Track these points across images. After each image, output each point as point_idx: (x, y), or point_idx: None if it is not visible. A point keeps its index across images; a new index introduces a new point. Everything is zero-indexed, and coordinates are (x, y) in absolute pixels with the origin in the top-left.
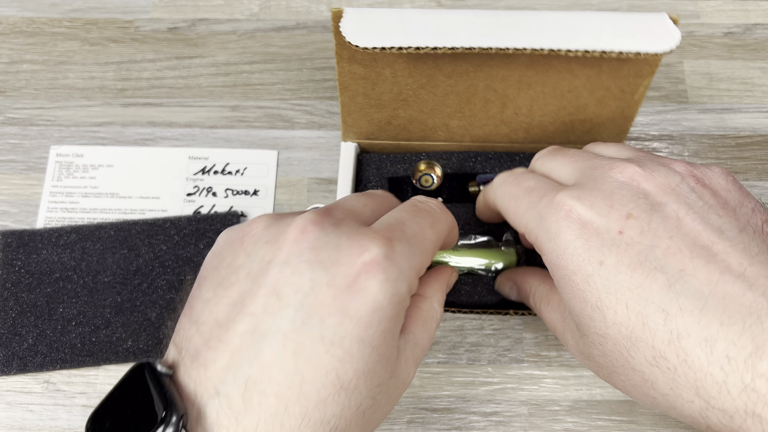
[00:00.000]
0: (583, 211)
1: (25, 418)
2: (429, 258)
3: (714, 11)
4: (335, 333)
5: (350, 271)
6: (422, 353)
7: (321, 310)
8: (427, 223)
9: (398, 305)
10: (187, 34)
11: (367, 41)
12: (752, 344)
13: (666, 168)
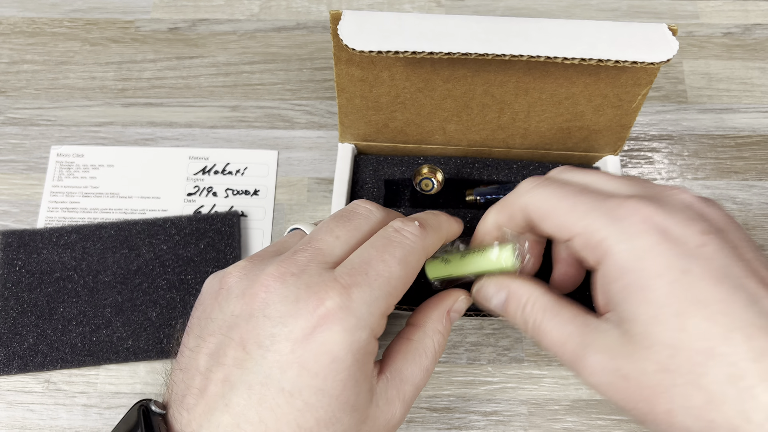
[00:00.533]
0: (661, 219)
1: (26, 417)
2: (395, 296)
3: (713, 11)
4: (294, 385)
5: (307, 324)
6: (413, 389)
7: (281, 362)
8: (397, 258)
9: (358, 353)
10: (188, 34)
11: (364, 45)
12: None
13: (712, 201)
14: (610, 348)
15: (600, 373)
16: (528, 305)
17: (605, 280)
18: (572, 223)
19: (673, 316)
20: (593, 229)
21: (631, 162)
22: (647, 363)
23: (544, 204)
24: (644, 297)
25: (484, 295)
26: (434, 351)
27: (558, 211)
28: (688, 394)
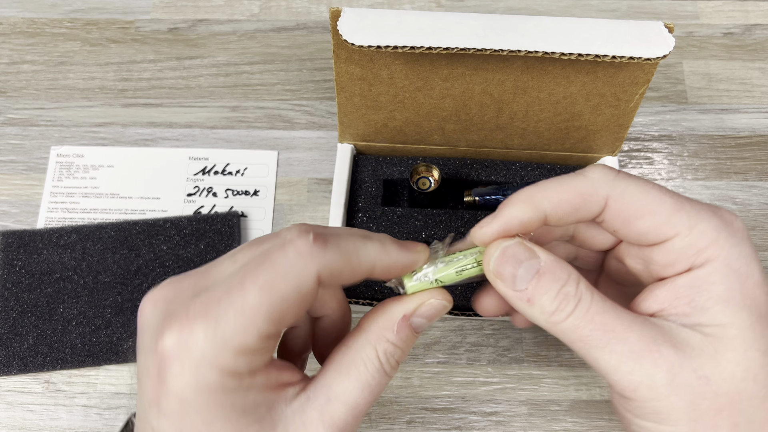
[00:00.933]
0: (748, 234)
1: (26, 418)
2: (259, 327)
3: (713, 12)
4: (158, 425)
5: (154, 361)
6: (346, 409)
7: (145, 401)
8: (258, 284)
9: (210, 393)
10: (188, 34)
11: (363, 40)
12: None
13: None
14: (691, 346)
15: (672, 369)
16: (571, 283)
17: (697, 283)
18: (678, 221)
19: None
20: (704, 229)
21: (631, 162)
22: (737, 368)
23: (643, 197)
24: (746, 302)
25: (508, 260)
26: (378, 363)
27: (661, 207)
28: (758, 409)
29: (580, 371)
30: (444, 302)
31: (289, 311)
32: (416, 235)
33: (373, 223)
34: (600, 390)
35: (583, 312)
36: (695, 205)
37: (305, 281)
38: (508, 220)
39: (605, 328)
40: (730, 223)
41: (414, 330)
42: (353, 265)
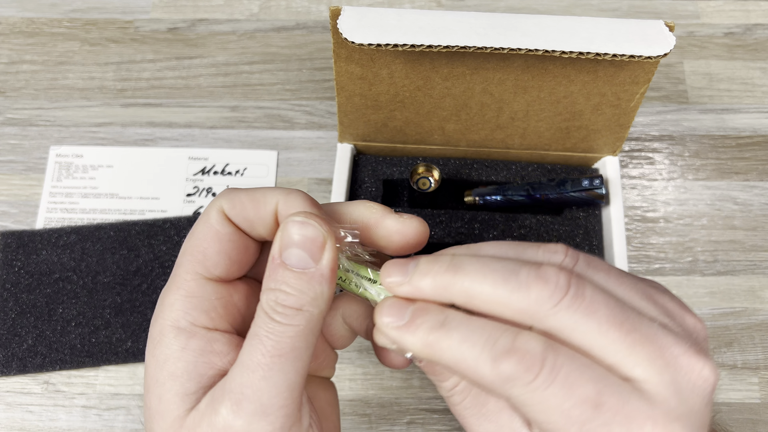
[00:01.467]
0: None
1: (25, 418)
2: (182, 260)
3: (714, 11)
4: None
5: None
6: (241, 368)
7: None
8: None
9: (162, 331)
10: (187, 34)
11: (364, 38)
12: None
13: None
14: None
15: None
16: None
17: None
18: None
19: None
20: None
21: (632, 162)
22: None
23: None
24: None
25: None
26: (262, 312)
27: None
28: None
29: None
30: (305, 224)
31: (208, 247)
32: None
33: None
34: None
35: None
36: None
37: (211, 215)
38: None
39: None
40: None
41: (293, 267)
42: (255, 199)
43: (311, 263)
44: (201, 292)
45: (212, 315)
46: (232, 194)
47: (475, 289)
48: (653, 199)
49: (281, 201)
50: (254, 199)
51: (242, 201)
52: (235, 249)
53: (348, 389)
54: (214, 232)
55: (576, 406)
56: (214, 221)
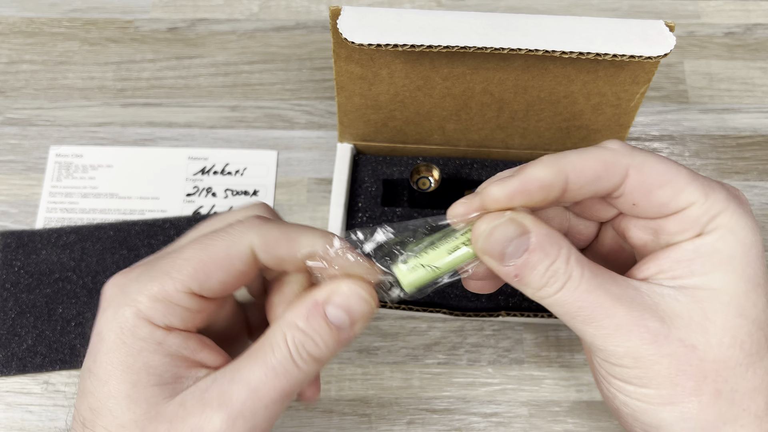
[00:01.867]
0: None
1: (25, 419)
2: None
3: (714, 11)
4: (84, 363)
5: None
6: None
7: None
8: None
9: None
10: (187, 34)
11: (363, 38)
12: None
13: None
14: (676, 314)
15: (657, 341)
16: (561, 258)
17: (702, 248)
18: (695, 190)
19: (765, 295)
20: (717, 199)
21: None
22: (724, 337)
23: (662, 168)
24: (746, 270)
25: (498, 239)
26: (285, 349)
27: (679, 177)
28: (743, 378)
29: (580, 372)
30: (359, 291)
31: (215, 271)
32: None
33: (373, 223)
34: None
35: (572, 289)
36: (705, 178)
37: (237, 244)
38: (528, 182)
39: (593, 305)
40: (737, 196)
41: (332, 323)
42: (290, 239)
43: (347, 325)
44: (185, 303)
45: (188, 324)
46: (265, 230)
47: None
48: None
49: (318, 243)
50: (289, 238)
51: (276, 239)
52: (235, 284)
53: (348, 389)
54: (229, 263)
55: None
56: (236, 253)
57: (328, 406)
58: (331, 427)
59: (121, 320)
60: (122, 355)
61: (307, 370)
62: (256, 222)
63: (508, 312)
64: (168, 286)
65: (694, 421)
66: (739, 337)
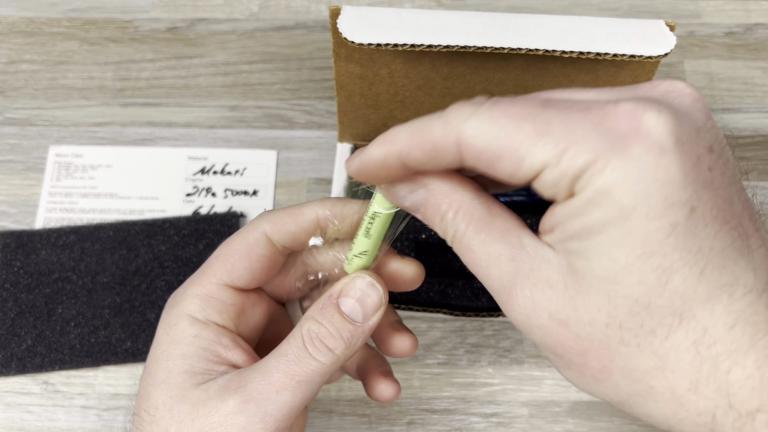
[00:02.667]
0: (667, 131)
1: (24, 419)
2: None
3: (715, 11)
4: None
5: None
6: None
7: None
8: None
9: (170, 327)
10: (187, 33)
11: (363, 38)
12: None
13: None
14: (549, 283)
15: (529, 313)
16: (450, 212)
17: (573, 212)
18: (542, 151)
19: (656, 270)
20: (577, 154)
21: None
22: (598, 315)
23: (495, 133)
24: (627, 239)
25: (395, 195)
26: (300, 337)
27: (519, 139)
28: (636, 357)
29: None
30: (372, 283)
31: (239, 260)
32: (416, 235)
33: None
34: None
35: (458, 243)
36: (571, 122)
37: (252, 232)
38: (365, 161)
39: (472, 262)
40: (622, 135)
41: (345, 313)
42: (295, 214)
43: (360, 318)
44: (220, 295)
45: (224, 315)
46: (272, 214)
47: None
48: None
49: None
50: (293, 213)
51: (282, 218)
52: (260, 268)
53: (348, 389)
54: (248, 249)
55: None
56: (252, 240)
57: (328, 406)
58: (330, 428)
59: (169, 318)
60: (164, 345)
61: (322, 360)
62: (265, 212)
63: None
64: (204, 282)
65: (594, 388)
66: (618, 318)
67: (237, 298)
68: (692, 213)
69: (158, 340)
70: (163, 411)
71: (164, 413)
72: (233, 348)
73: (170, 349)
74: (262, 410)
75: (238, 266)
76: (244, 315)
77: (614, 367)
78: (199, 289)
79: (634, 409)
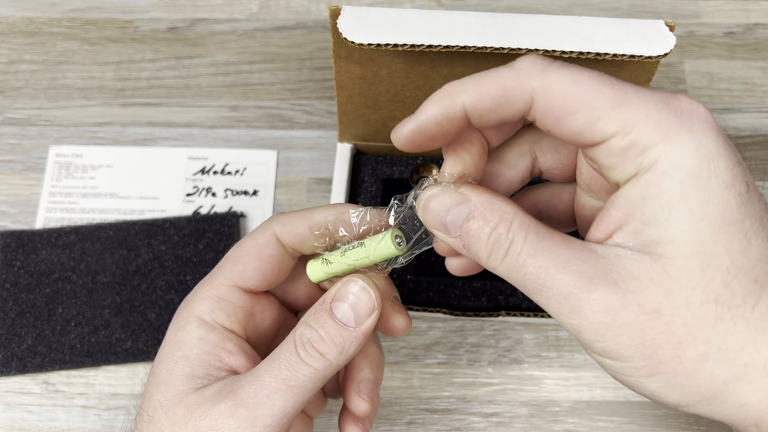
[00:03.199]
0: (717, 125)
1: (24, 418)
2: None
3: (715, 11)
4: None
5: None
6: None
7: None
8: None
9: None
10: (187, 33)
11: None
12: None
13: None
14: (633, 276)
15: (616, 310)
16: (503, 224)
17: (647, 192)
18: (618, 116)
19: (738, 235)
20: (650, 124)
21: None
22: (692, 295)
23: (575, 89)
24: (708, 208)
25: (436, 208)
26: (292, 342)
27: (598, 101)
28: (732, 333)
29: (581, 372)
30: (365, 289)
31: (250, 260)
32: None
33: None
34: (601, 391)
35: (516, 255)
36: (644, 96)
37: (262, 233)
38: (423, 121)
39: (538, 271)
40: (687, 114)
41: (337, 318)
42: (305, 217)
43: (353, 323)
44: (229, 297)
45: (232, 319)
46: (283, 216)
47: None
48: None
49: (329, 214)
50: (303, 216)
51: (293, 220)
52: (270, 269)
53: None
54: (258, 250)
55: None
56: (262, 241)
57: (328, 406)
58: (330, 427)
59: (178, 319)
60: (170, 346)
61: (313, 365)
62: (275, 215)
63: (508, 312)
64: (215, 283)
65: (685, 388)
66: (713, 292)
67: (246, 300)
68: (748, 187)
69: (166, 341)
70: (160, 412)
71: (161, 414)
72: (237, 353)
73: (174, 351)
74: (252, 414)
75: (249, 267)
76: (253, 319)
77: (710, 351)
78: (209, 290)
79: (727, 403)
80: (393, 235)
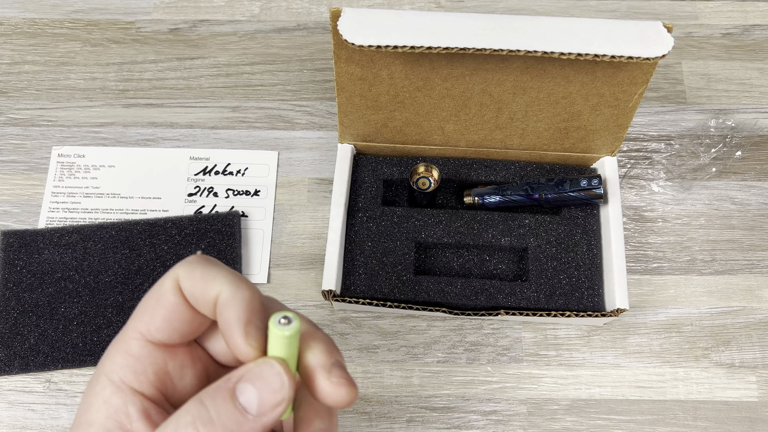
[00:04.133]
0: None
1: (27, 417)
2: (128, 325)
3: (712, 12)
4: None
5: None
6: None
7: None
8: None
9: (94, 382)
10: (188, 35)
11: (364, 40)
12: None
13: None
14: None
15: None
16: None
17: None
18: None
19: None
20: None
21: (630, 162)
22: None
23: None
24: None
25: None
26: (180, 415)
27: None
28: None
29: (579, 370)
30: (276, 367)
31: (154, 308)
32: (416, 235)
33: (373, 223)
34: (599, 389)
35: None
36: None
37: (166, 279)
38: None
39: None
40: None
41: (239, 403)
42: (205, 279)
43: (254, 412)
44: (138, 353)
45: (141, 378)
46: (191, 265)
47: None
48: (651, 199)
49: (225, 292)
50: (204, 278)
51: (195, 276)
52: (179, 320)
53: None
54: (163, 298)
55: None
56: (166, 288)
57: None
58: None
59: (92, 378)
60: (79, 409)
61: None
62: (188, 258)
63: (507, 311)
64: (125, 337)
65: None
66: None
67: (158, 356)
68: None
69: (81, 401)
70: None
71: None
72: (138, 419)
73: (81, 414)
74: None
75: (155, 317)
76: (170, 377)
77: None
78: (120, 344)
79: None
80: (275, 320)
